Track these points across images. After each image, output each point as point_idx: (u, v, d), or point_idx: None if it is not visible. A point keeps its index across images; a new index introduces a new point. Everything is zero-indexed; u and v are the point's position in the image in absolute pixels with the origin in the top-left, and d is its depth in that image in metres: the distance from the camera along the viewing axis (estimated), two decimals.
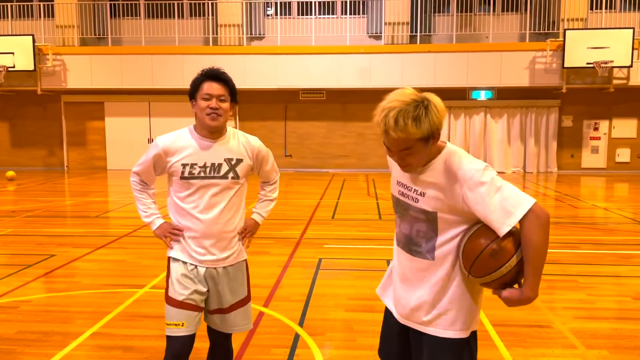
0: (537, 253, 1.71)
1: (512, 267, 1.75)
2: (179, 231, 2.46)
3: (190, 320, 2.41)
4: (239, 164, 2.47)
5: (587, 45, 14.50)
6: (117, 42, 16.83)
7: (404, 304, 2.01)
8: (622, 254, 6.23)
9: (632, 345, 3.61)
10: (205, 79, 2.40)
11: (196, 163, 2.40)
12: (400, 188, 1.98)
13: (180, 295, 2.41)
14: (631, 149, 16.57)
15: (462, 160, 1.81)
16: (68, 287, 4.91)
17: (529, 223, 1.72)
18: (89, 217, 8.73)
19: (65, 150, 17.53)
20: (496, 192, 1.74)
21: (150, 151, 2.48)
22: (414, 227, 1.93)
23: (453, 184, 1.80)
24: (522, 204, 1.73)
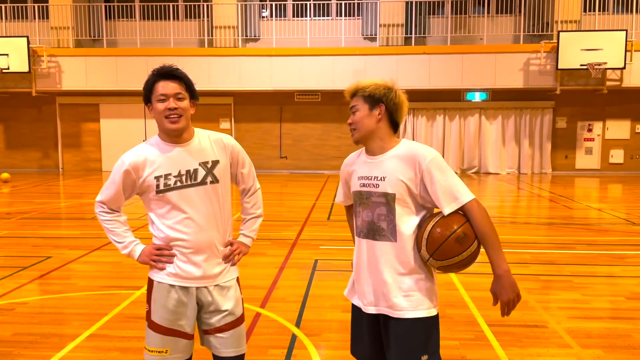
0: (491, 232, 1.98)
1: (473, 250, 1.99)
2: (166, 250, 2.22)
3: (178, 348, 2.23)
4: (215, 165, 2.24)
5: (580, 47, 14.59)
6: (113, 44, 16.80)
7: (372, 290, 2.13)
8: (616, 254, 6.28)
9: (626, 345, 3.65)
10: (158, 79, 2.18)
11: (170, 173, 2.18)
12: (361, 181, 2.17)
13: (163, 320, 2.21)
14: (624, 150, 16.67)
15: (422, 146, 2.11)
16: (64, 289, 4.91)
17: (474, 209, 2.00)
18: (85, 219, 8.71)
19: (60, 152, 17.48)
20: (448, 178, 2.02)
21: (116, 172, 2.23)
22: (375, 211, 2.10)
23: (413, 165, 2.05)
24: (468, 193, 2.02)
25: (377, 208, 2.09)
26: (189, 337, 2.25)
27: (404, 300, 2.06)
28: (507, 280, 1.96)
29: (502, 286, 1.96)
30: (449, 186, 2.01)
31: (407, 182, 2.05)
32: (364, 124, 2.15)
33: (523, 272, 5.40)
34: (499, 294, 1.98)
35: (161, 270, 2.22)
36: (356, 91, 2.18)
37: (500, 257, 1.97)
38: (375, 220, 2.10)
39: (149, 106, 2.23)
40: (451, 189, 2.01)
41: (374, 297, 2.12)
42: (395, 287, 2.07)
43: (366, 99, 2.15)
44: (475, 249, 1.99)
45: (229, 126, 17.09)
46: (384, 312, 2.10)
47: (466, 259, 1.99)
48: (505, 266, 1.97)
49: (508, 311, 1.99)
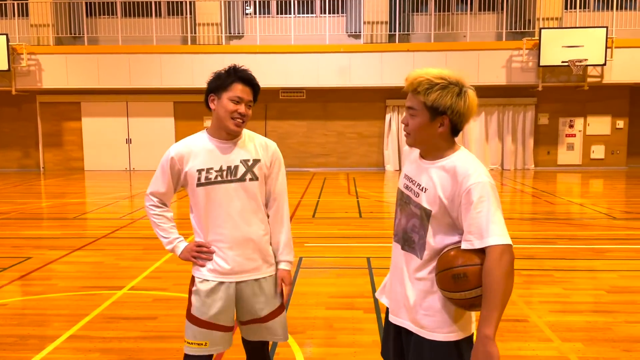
0: (497, 290, 1.68)
1: (466, 298, 1.75)
2: (205, 247, 2.29)
3: (215, 340, 2.29)
4: (256, 164, 2.31)
5: (562, 44, 14.74)
6: (94, 42, 16.59)
7: (396, 299, 2.00)
8: (596, 248, 6.36)
9: (606, 338, 3.70)
10: (238, 80, 2.24)
11: (212, 167, 2.25)
12: (406, 181, 1.97)
13: (203, 314, 2.27)
14: (605, 146, 16.90)
15: (475, 165, 1.80)
16: (45, 290, 4.84)
17: (494, 257, 1.69)
18: (66, 219, 8.60)
19: (41, 152, 17.24)
20: (485, 211, 1.72)
21: (163, 162, 2.33)
22: (410, 221, 1.91)
23: (457, 184, 1.78)
24: (496, 236, 1.71)
25: (412, 218, 1.90)
26: (228, 329, 2.32)
27: (424, 318, 1.88)
28: (483, 347, 1.68)
29: (475, 351, 1.71)
30: (480, 221, 1.71)
31: (446, 201, 1.79)
32: (421, 135, 1.85)
33: None
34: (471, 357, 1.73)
35: (201, 267, 2.30)
36: (416, 90, 1.81)
37: (490, 319, 1.67)
38: (408, 230, 1.92)
39: (212, 97, 2.28)
40: (480, 224, 1.71)
41: (396, 305, 1.99)
42: (417, 303, 1.90)
43: (428, 107, 1.80)
44: (473, 297, 1.73)
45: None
46: (404, 325, 1.95)
47: (460, 302, 1.77)
48: (489, 332, 1.67)
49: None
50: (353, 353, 3.48)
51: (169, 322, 4.02)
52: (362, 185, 12.96)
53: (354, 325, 3.95)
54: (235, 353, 2.81)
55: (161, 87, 15.78)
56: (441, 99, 1.78)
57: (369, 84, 15.68)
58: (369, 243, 6.66)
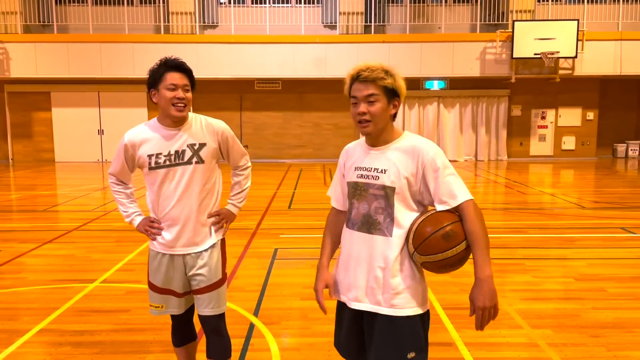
0: (482, 235, 1.90)
1: (459, 251, 1.91)
2: (157, 223, 2.54)
3: (170, 303, 2.60)
4: (202, 148, 2.50)
5: (534, 36, 14.95)
6: (64, 30, 16.19)
7: (357, 285, 2.04)
8: (567, 237, 6.50)
9: (574, 324, 3.79)
10: (169, 69, 2.43)
11: (161, 152, 2.47)
12: (358, 172, 2.07)
13: (157, 280, 2.58)
14: (576, 137, 17.25)
15: (425, 140, 2.03)
16: (14, 284, 4.74)
17: (470, 210, 1.93)
18: (36, 211, 8.42)
19: (9, 143, 16.82)
20: (449, 175, 1.96)
21: (119, 147, 2.57)
22: (373, 204, 2.01)
23: (416, 159, 1.97)
24: (466, 193, 1.95)
25: (375, 201, 2.00)
26: (180, 295, 2.60)
27: (394, 297, 1.98)
28: (488, 286, 1.86)
29: (480, 291, 1.87)
30: (448, 183, 1.94)
31: (409, 176, 1.97)
32: (382, 118, 1.99)
33: None
34: (475, 299, 1.88)
35: (153, 240, 2.57)
36: (374, 79, 1.97)
37: (486, 261, 1.88)
38: (371, 213, 2.01)
39: (153, 92, 2.47)
40: (450, 186, 1.94)
41: (361, 292, 2.04)
42: (385, 283, 1.99)
43: (387, 90, 1.99)
44: (462, 250, 1.91)
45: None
46: (370, 309, 2.02)
47: (450, 259, 1.91)
48: (489, 271, 1.87)
49: (482, 321, 1.88)
50: (328, 343, 3.49)
51: (142, 315, 3.97)
52: None
53: (329, 316, 3.93)
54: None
55: (134, 77, 15.49)
56: (397, 82, 2.01)
57: (345, 75, 15.57)
58: None
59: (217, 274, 2.61)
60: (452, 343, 3.47)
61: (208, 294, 2.58)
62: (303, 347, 3.45)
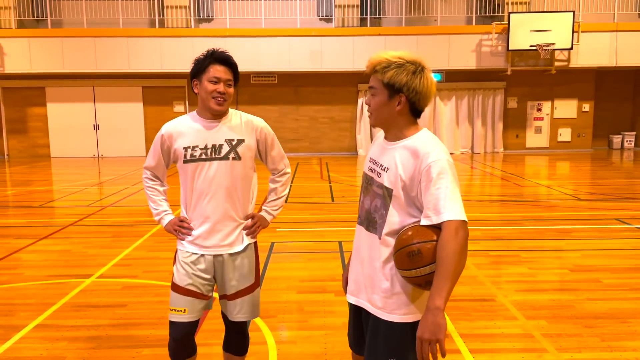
0: (450, 264, 1.70)
1: (420, 275, 1.78)
2: (187, 223, 2.44)
3: (193, 307, 2.43)
4: (240, 144, 2.42)
5: (530, 28, 14.93)
6: (58, 24, 16.09)
7: (357, 280, 2.03)
8: (562, 229, 6.53)
9: (568, 315, 3.81)
10: (214, 62, 2.36)
11: (197, 145, 2.39)
12: (370, 164, 2.01)
13: (183, 282, 2.42)
14: (572, 129, 17.28)
15: (434, 144, 1.85)
16: (10, 279, 4.74)
17: (449, 232, 1.72)
18: (32, 207, 8.41)
19: (4, 138, 16.75)
20: (442, 188, 1.76)
21: (156, 139, 2.50)
22: (373, 202, 1.95)
23: (415, 164, 1.82)
24: (453, 212, 1.74)
25: (375, 199, 1.93)
26: (204, 297, 2.46)
27: (383, 300, 1.91)
28: (432, 318, 1.69)
29: (423, 321, 1.72)
30: (437, 196, 1.75)
31: (407, 179, 1.82)
32: (382, 113, 1.90)
33: (473, 249, 5.55)
34: (418, 328, 1.74)
35: (182, 240, 2.46)
36: (374, 69, 1.87)
37: (440, 291, 1.69)
38: (371, 211, 1.95)
39: (195, 82, 2.40)
40: (437, 200, 1.75)
41: (357, 287, 2.02)
42: (376, 284, 1.93)
43: (385, 85, 1.86)
44: (427, 274, 1.76)
45: (183, 109, 16.74)
46: (363, 305, 2.00)
47: (415, 279, 1.80)
48: (439, 303, 1.68)
49: (423, 356, 1.71)
50: (324, 335, 3.51)
51: (139, 310, 3.98)
52: (335, 170, 12.99)
53: (325, 309, 3.98)
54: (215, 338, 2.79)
55: (129, 71, 15.44)
56: (397, 76, 1.83)
57: (341, 69, 15.64)
58: (341, 227, 6.69)
59: (251, 277, 2.50)
60: (448, 334, 3.48)
61: (240, 299, 2.48)
62: (299, 340, 3.47)
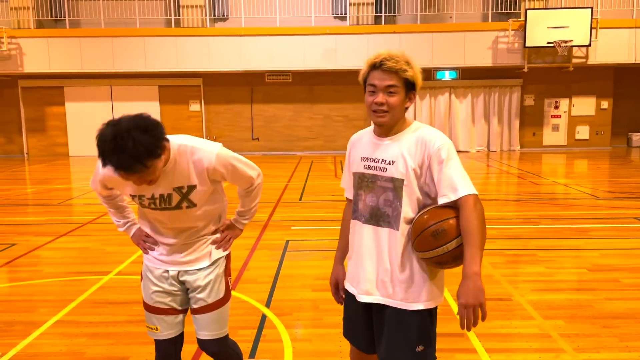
0: (476, 232, 1.81)
1: (448, 250, 1.85)
2: (152, 239, 2.30)
3: (164, 325, 2.29)
4: (191, 191, 2.12)
5: (547, 24, 14.76)
6: (75, 25, 16.29)
7: (367, 278, 2.03)
8: (580, 227, 6.46)
9: (586, 315, 3.77)
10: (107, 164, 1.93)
11: (143, 195, 2.11)
12: (366, 163, 2.03)
13: (150, 300, 2.29)
14: (590, 127, 17.05)
15: (434, 131, 1.98)
16: (30, 276, 4.82)
17: (469, 205, 1.84)
18: (51, 205, 8.53)
19: (24, 137, 17.01)
20: (453, 167, 1.89)
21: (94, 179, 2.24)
22: (381, 197, 1.97)
23: (422, 151, 1.92)
24: (468, 188, 1.87)
25: (384, 193, 1.96)
26: (176, 312, 2.30)
27: (404, 291, 1.96)
28: (473, 283, 1.78)
29: (464, 288, 1.80)
30: (451, 176, 1.87)
31: (416, 167, 1.92)
32: (399, 110, 1.95)
33: (490, 247, 5.49)
34: (459, 296, 1.81)
35: (146, 254, 2.32)
36: (397, 70, 1.92)
37: (475, 259, 1.80)
38: (380, 206, 1.98)
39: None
40: (452, 179, 1.87)
41: (371, 285, 2.02)
42: (395, 276, 1.97)
43: (407, 83, 1.94)
44: (453, 249, 1.85)
45: (199, 108, 16.85)
46: (380, 301, 2.01)
47: (441, 257, 1.87)
48: (476, 268, 1.79)
49: (467, 321, 1.79)
50: (339, 333, 3.49)
51: None
52: None
53: (340, 307, 3.96)
54: None
55: (145, 70, 15.57)
56: (417, 75, 1.95)
57: (355, 66, 15.41)
58: None
59: (219, 292, 2.31)
60: (463, 333, 3.47)
61: (207, 314, 2.29)
62: (314, 338, 3.48)
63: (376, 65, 1.95)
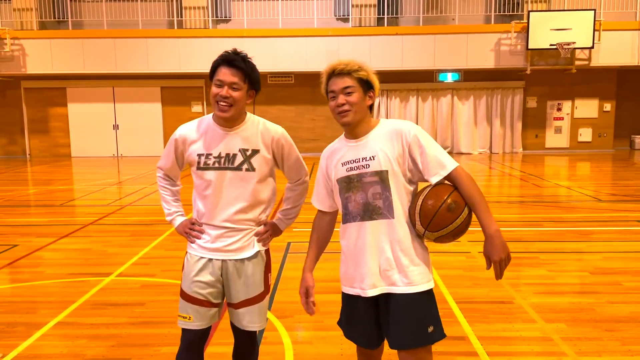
0: (479, 195, 2.02)
1: (465, 217, 2.03)
2: (197, 226, 2.37)
3: (199, 315, 2.32)
4: (254, 155, 2.30)
5: (550, 26, 14.75)
6: (78, 26, 16.33)
7: (369, 273, 2.11)
8: (582, 230, 6.44)
9: (588, 318, 3.75)
10: (222, 63, 2.24)
11: (211, 153, 2.29)
12: (347, 165, 2.15)
13: (189, 289, 2.33)
14: (593, 129, 17.03)
15: (402, 121, 2.17)
16: (32, 277, 4.82)
17: (461, 175, 2.05)
18: (53, 206, 8.54)
19: (27, 138, 17.05)
20: (433, 148, 2.08)
21: (170, 141, 2.42)
22: (370, 191, 2.09)
23: (399, 140, 2.08)
24: (452, 161, 2.08)
25: (371, 187, 2.09)
26: (211, 305, 2.35)
27: (407, 275, 2.08)
28: (498, 239, 1.99)
29: (493, 246, 1.99)
30: (435, 156, 2.05)
31: (397, 157, 2.07)
32: (360, 108, 2.12)
33: None
34: (490, 254, 2.00)
35: (192, 243, 2.38)
36: (349, 71, 2.12)
37: (490, 218, 2.00)
38: (370, 201, 2.09)
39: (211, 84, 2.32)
40: (437, 158, 2.05)
41: (376, 278, 2.10)
42: (396, 263, 2.08)
43: (362, 82, 2.12)
44: (467, 215, 2.03)
45: (201, 109, 16.87)
46: (387, 290, 2.09)
47: (459, 227, 2.03)
48: (495, 226, 2.00)
49: (501, 271, 2.00)
50: (340, 336, 3.48)
51: (157, 308, 4.02)
52: None
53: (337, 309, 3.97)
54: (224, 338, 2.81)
55: (148, 72, 15.61)
56: (370, 75, 2.13)
57: None
58: None
59: (259, 286, 2.40)
60: (465, 337, 3.46)
61: (248, 307, 2.36)
62: (316, 341, 3.47)
63: (330, 74, 2.16)
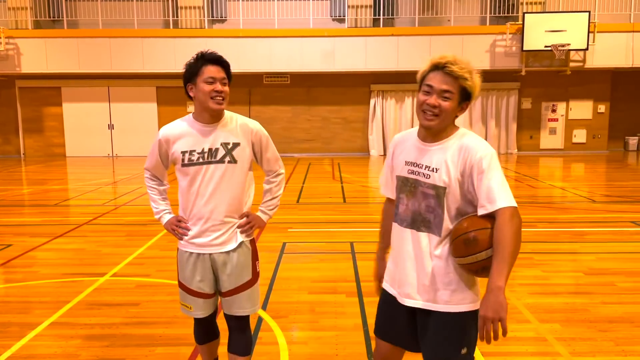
0: (509, 247, 1.79)
1: (477, 260, 1.86)
2: (184, 223, 2.52)
3: (198, 306, 2.55)
4: (235, 147, 2.46)
5: (545, 28, 14.81)
6: (73, 25, 16.27)
7: (409, 282, 2.04)
8: (576, 231, 6.46)
9: (582, 318, 3.77)
10: (207, 63, 2.39)
11: (194, 149, 2.44)
12: (410, 167, 2.04)
13: (184, 280, 2.55)
14: (587, 130, 17.10)
15: (478, 140, 1.96)
16: (26, 277, 4.80)
17: (504, 218, 1.83)
18: (47, 206, 8.51)
19: (21, 138, 16.97)
20: (493, 178, 1.88)
21: (154, 142, 2.54)
22: (423, 203, 1.99)
23: (465, 159, 1.91)
24: (506, 200, 1.86)
25: (426, 200, 1.98)
26: (208, 296, 2.55)
27: (447, 294, 1.98)
28: (495, 297, 1.76)
29: (486, 300, 1.78)
30: (490, 187, 1.86)
31: (459, 175, 1.92)
32: (450, 116, 1.95)
33: None
34: (480, 308, 1.81)
35: (180, 240, 2.54)
36: (458, 76, 1.91)
37: (502, 273, 1.78)
38: (422, 212, 1.99)
39: (190, 86, 2.43)
40: (491, 190, 1.86)
41: (412, 289, 2.03)
42: (438, 280, 1.98)
43: (463, 91, 1.94)
44: (483, 260, 1.85)
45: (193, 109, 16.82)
46: (424, 306, 2.01)
47: (472, 265, 1.88)
48: (501, 283, 1.77)
49: (486, 334, 1.77)
50: (335, 336, 3.51)
51: (152, 308, 4.01)
52: (347, 171, 12.98)
53: (336, 309, 3.98)
54: (224, 338, 2.81)
55: (143, 71, 15.57)
56: (476, 88, 1.95)
57: (354, 69, 15.63)
58: (353, 228, 6.69)
59: (246, 274, 2.54)
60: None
61: (236, 295, 2.52)
62: (311, 341, 3.47)
63: (439, 67, 1.94)
